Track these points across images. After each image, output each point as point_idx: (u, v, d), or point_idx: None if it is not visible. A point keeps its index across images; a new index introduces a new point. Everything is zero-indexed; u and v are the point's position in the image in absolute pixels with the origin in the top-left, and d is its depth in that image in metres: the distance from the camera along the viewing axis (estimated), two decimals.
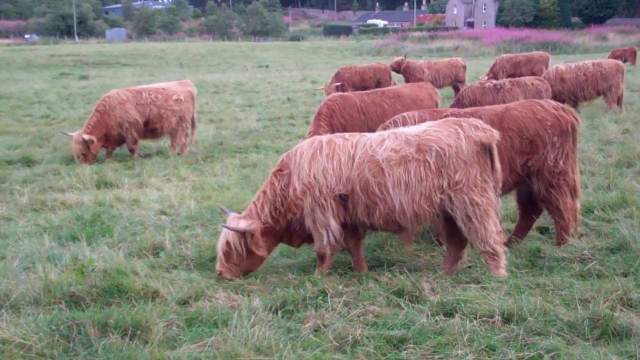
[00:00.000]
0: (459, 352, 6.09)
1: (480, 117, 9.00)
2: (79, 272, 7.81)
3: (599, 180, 12.42)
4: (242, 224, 8.20)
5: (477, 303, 6.97)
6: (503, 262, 8.01)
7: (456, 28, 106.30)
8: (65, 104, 29.54)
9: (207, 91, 33.93)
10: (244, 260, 8.34)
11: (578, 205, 9.34)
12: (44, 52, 74.09)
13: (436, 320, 6.73)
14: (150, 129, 17.56)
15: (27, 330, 6.56)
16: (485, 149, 7.89)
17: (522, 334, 6.36)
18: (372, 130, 10.87)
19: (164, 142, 18.61)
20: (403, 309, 7.06)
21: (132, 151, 17.58)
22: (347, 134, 8.35)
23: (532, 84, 17.36)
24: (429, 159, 7.76)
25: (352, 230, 8.39)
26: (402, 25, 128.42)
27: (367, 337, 6.43)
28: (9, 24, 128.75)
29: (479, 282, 7.77)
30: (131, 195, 12.72)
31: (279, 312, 7.09)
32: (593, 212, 10.27)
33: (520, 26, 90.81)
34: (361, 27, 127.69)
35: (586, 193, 11.34)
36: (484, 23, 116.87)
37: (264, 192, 8.37)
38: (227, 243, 8.22)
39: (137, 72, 52.29)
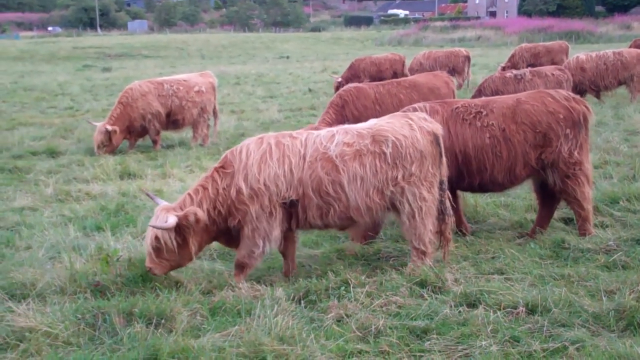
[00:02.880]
0: (483, 343, 6.08)
1: (491, 110, 8.99)
2: (104, 262, 7.87)
3: (624, 171, 12.32)
4: (171, 220, 7.43)
5: (501, 294, 6.96)
6: (428, 262, 7.90)
7: (478, 18, 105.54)
8: (89, 96, 29.68)
9: (228, 82, 33.97)
10: (176, 255, 7.66)
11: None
12: (67, 44, 74.45)
13: (459, 311, 6.73)
14: (172, 120, 17.62)
15: (53, 319, 6.62)
16: (436, 141, 7.86)
17: (547, 325, 6.35)
18: None
19: (186, 133, 18.66)
20: (426, 299, 7.06)
21: (154, 142, 17.64)
22: (294, 132, 7.97)
23: (553, 74, 17.25)
24: (385, 150, 7.63)
25: (287, 234, 8.02)
26: (423, 15, 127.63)
27: (390, 328, 6.44)
28: (33, 16, 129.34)
29: (502, 273, 7.75)
30: (154, 185, 12.77)
31: (302, 302, 7.12)
32: (618, 202, 10.18)
33: (543, 15, 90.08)
34: (382, 18, 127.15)
35: (611, 183, 11.28)
36: (506, 12, 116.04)
37: (204, 188, 7.72)
38: (156, 238, 7.52)
39: (159, 64, 52.43)
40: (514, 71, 17.66)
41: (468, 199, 10.28)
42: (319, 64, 46.47)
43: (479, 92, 16.54)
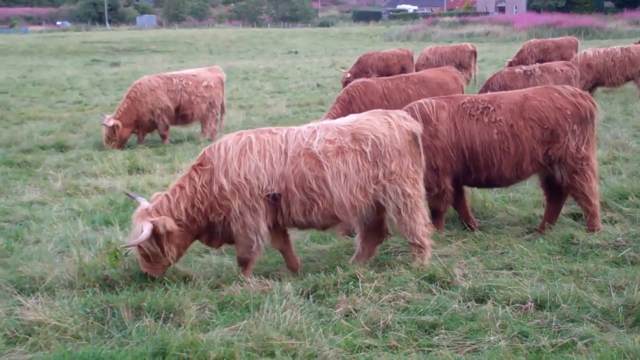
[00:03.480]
0: (492, 338, 6.09)
1: (499, 106, 8.98)
2: (113, 256, 7.89)
3: (633, 167, 12.28)
4: (146, 231, 7.31)
5: (509, 289, 6.97)
6: (429, 254, 7.95)
7: (487, 13, 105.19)
8: (97, 90, 29.72)
9: (236, 77, 33.95)
10: (163, 258, 7.60)
11: None
12: (75, 38, 74.53)
13: (468, 306, 6.74)
14: (180, 115, 17.63)
15: (62, 312, 6.65)
16: (415, 140, 7.85)
17: (556, 320, 6.36)
18: None
19: (195, 128, 18.67)
20: (434, 294, 7.07)
21: (163, 137, 17.66)
22: (273, 128, 7.89)
23: (562, 70, 17.21)
24: (365, 149, 7.60)
25: (279, 230, 7.97)
26: (432, 10, 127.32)
27: (398, 322, 6.46)
28: (41, 11, 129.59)
29: (511, 269, 7.75)
30: (163, 180, 12.77)
31: (311, 296, 7.13)
32: (627, 198, 10.13)
33: (552, 11, 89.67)
34: (390, 13, 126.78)
35: (620, 179, 11.24)
36: (515, 8, 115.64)
37: (181, 187, 7.62)
38: (139, 248, 7.51)
39: (168, 59, 52.43)
40: (524, 67, 17.61)
41: (477, 194, 10.27)
42: (327, 59, 46.39)
43: (487, 88, 16.47)
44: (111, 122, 16.56)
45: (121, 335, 6.36)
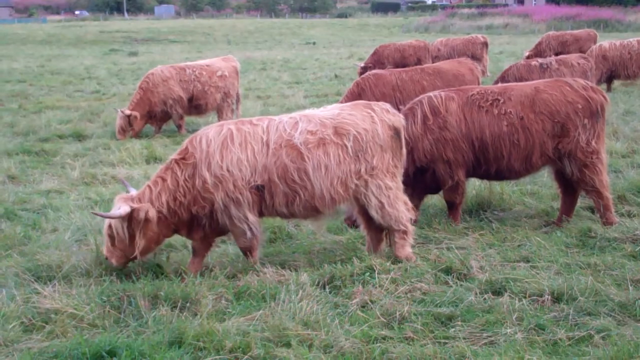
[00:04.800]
0: (508, 330, 6.07)
1: (509, 98, 8.93)
2: None
3: None
4: (123, 209, 7.32)
5: (526, 282, 6.94)
6: (411, 240, 7.92)
7: (506, 5, 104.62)
8: (115, 80, 29.81)
9: (254, 68, 33.97)
10: (127, 247, 7.52)
11: None
12: (93, 28, 74.77)
13: (485, 299, 6.71)
14: (194, 105, 17.65)
15: (78, 301, 6.68)
16: (397, 134, 7.81)
17: (573, 313, 6.33)
18: None
19: (212, 117, 18.69)
20: (451, 286, 7.05)
21: (179, 127, 17.69)
22: (254, 119, 7.85)
23: (578, 63, 17.13)
24: (347, 143, 7.55)
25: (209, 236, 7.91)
26: (450, 2, 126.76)
27: (414, 314, 6.45)
28: (60, 0, 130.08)
29: (528, 261, 7.72)
30: None
31: (327, 287, 7.13)
32: None
33: (571, 3, 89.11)
34: (409, 4, 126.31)
35: (638, 173, 11.16)
36: (534, 0, 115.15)
37: (163, 180, 7.55)
38: (109, 227, 7.48)
39: (185, 49, 52.54)
40: (540, 60, 17.53)
41: (495, 186, 10.21)
42: (345, 50, 46.35)
43: (502, 80, 16.40)
44: (128, 112, 16.61)
45: (138, 324, 6.38)
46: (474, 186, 10.35)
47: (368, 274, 7.33)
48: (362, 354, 5.78)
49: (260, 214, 7.76)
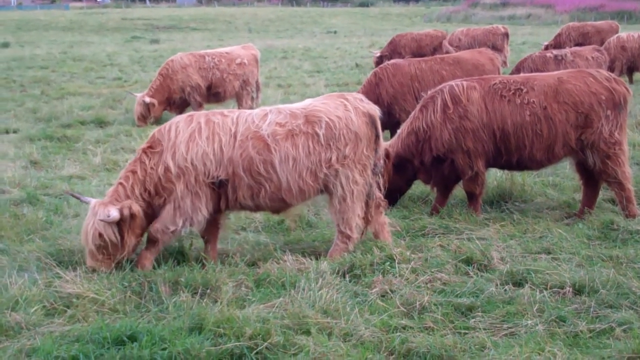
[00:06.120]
0: (529, 322, 6.06)
1: (532, 88, 8.89)
2: None
3: None
4: (114, 212, 7.19)
5: (547, 274, 6.92)
6: (351, 247, 7.78)
7: None
8: (137, 67, 29.87)
9: (275, 56, 33.94)
10: (119, 250, 7.38)
11: None
12: (115, 15, 74.98)
13: (505, 290, 6.71)
14: (213, 93, 17.64)
15: (100, 286, 6.73)
16: (372, 122, 7.70)
17: (594, 306, 6.31)
18: None
19: (232, 105, 18.70)
20: (471, 277, 7.04)
21: None
22: (226, 110, 7.75)
23: (593, 56, 16.99)
24: (318, 131, 7.44)
25: (214, 219, 7.80)
26: None
27: (434, 304, 6.44)
28: None
29: (549, 253, 7.69)
30: None
31: (347, 276, 7.13)
32: None
33: None
34: None
35: None
36: None
37: (134, 172, 7.45)
38: (100, 235, 7.24)
39: (207, 37, 52.54)
40: (555, 51, 17.39)
41: (516, 177, 10.17)
42: (366, 39, 46.21)
43: (517, 71, 16.29)
44: (148, 100, 16.64)
45: (158, 309, 6.41)
46: (495, 177, 10.33)
47: (388, 263, 7.32)
48: (382, 343, 5.78)
49: (221, 210, 7.65)
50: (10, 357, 5.59)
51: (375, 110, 7.81)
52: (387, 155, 9.04)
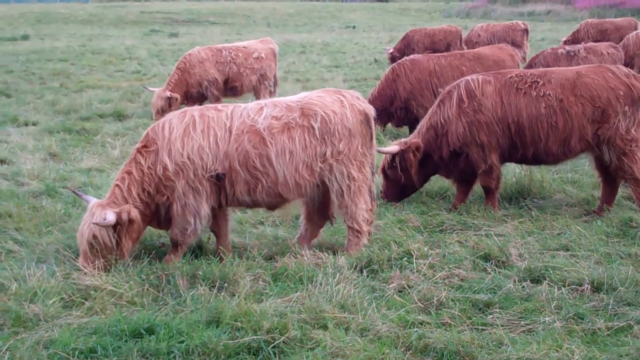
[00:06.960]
0: (547, 319, 6.04)
1: (549, 81, 8.87)
2: None
3: None
4: (111, 216, 7.07)
5: (565, 270, 6.90)
6: (364, 241, 7.78)
7: None
8: (156, 61, 29.92)
9: (294, 51, 33.89)
10: (113, 252, 7.24)
11: None
12: (134, 9, 75.11)
13: (523, 286, 6.69)
14: (230, 87, 17.62)
15: (118, 278, 6.77)
16: (367, 120, 7.68)
17: (612, 303, 6.29)
18: None
19: (251, 99, 18.68)
20: (489, 273, 7.03)
21: None
22: (220, 105, 7.71)
23: (608, 52, 16.85)
24: (313, 124, 7.42)
25: (219, 213, 7.80)
26: None
27: (452, 300, 6.43)
28: None
29: (568, 250, 7.67)
30: None
31: (364, 271, 7.14)
32: None
33: None
34: None
35: None
36: None
37: (129, 173, 7.38)
38: (94, 237, 7.13)
39: (226, 31, 52.54)
40: (567, 47, 17.25)
41: (535, 174, 10.13)
42: (385, 34, 46.05)
43: (530, 67, 16.19)
44: (168, 94, 16.66)
45: (176, 302, 6.44)
46: (514, 173, 10.30)
47: (406, 258, 7.33)
48: (399, 338, 5.78)
49: (222, 204, 7.63)
50: (28, 349, 5.62)
51: (371, 110, 7.82)
52: (417, 148, 9.22)
